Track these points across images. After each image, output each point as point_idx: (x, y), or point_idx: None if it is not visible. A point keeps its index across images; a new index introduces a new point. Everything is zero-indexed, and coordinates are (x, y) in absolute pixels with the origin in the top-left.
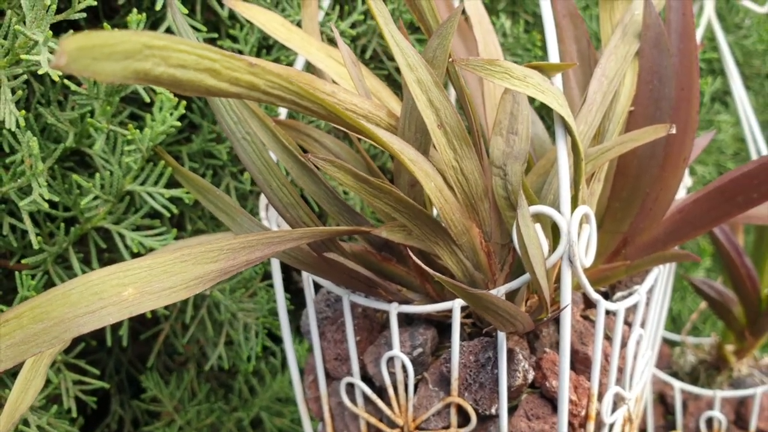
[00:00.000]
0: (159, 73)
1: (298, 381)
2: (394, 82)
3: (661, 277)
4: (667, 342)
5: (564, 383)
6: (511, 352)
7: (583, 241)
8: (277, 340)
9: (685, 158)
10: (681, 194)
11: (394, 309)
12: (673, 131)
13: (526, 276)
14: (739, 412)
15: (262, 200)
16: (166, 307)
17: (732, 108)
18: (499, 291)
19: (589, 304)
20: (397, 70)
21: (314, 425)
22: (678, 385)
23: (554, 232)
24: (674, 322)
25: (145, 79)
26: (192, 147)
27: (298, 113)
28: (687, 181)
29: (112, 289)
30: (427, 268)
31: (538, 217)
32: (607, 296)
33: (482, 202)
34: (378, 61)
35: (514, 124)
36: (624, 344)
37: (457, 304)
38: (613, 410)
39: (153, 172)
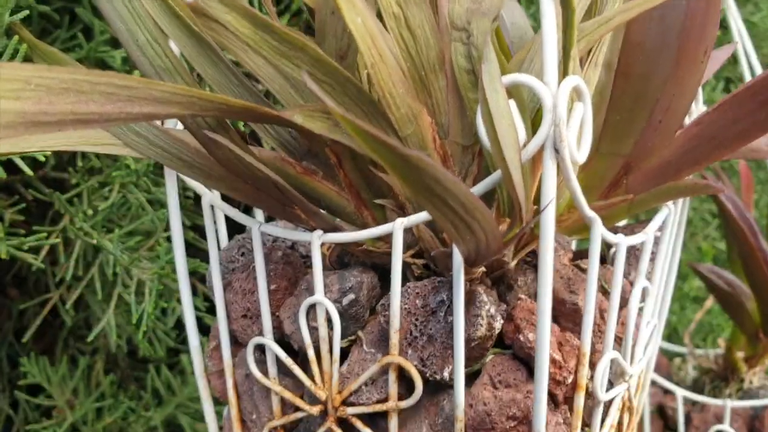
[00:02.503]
0: None
1: (196, 348)
2: None
3: (671, 219)
4: (664, 353)
5: (544, 329)
6: (472, 294)
7: (574, 125)
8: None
9: (707, 50)
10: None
11: (316, 238)
12: None
13: (495, 175)
14: (753, 426)
15: None
16: (48, 261)
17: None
18: None
19: (581, 254)
20: None
21: (220, 408)
22: (681, 392)
23: (535, 125)
24: (670, 339)
25: None
26: (80, 54)
27: None
28: (700, 100)
29: None
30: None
31: (512, 94)
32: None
33: (436, 77)
34: None
35: None
36: (624, 302)
37: (398, 225)
38: (610, 387)
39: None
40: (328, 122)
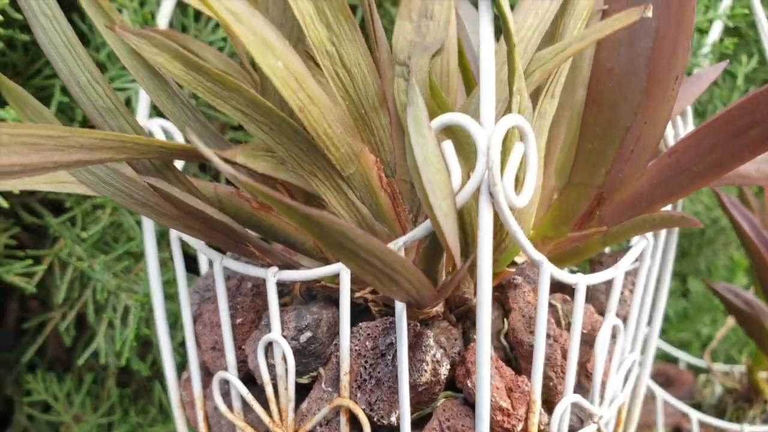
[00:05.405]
0: None
1: (171, 379)
2: None
3: (649, 251)
4: (692, 369)
5: (483, 374)
6: (419, 337)
7: (512, 168)
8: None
9: (678, 75)
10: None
11: (270, 275)
12: (649, 14)
13: (427, 223)
14: None
15: None
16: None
17: None
18: (396, 244)
19: (557, 287)
20: None
21: None
22: (696, 415)
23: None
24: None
25: None
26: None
27: None
28: (689, 122)
29: None
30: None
31: (448, 134)
32: None
33: (377, 115)
34: None
35: (430, 4)
36: (591, 339)
37: (343, 265)
38: (580, 427)
39: None
40: (273, 161)
